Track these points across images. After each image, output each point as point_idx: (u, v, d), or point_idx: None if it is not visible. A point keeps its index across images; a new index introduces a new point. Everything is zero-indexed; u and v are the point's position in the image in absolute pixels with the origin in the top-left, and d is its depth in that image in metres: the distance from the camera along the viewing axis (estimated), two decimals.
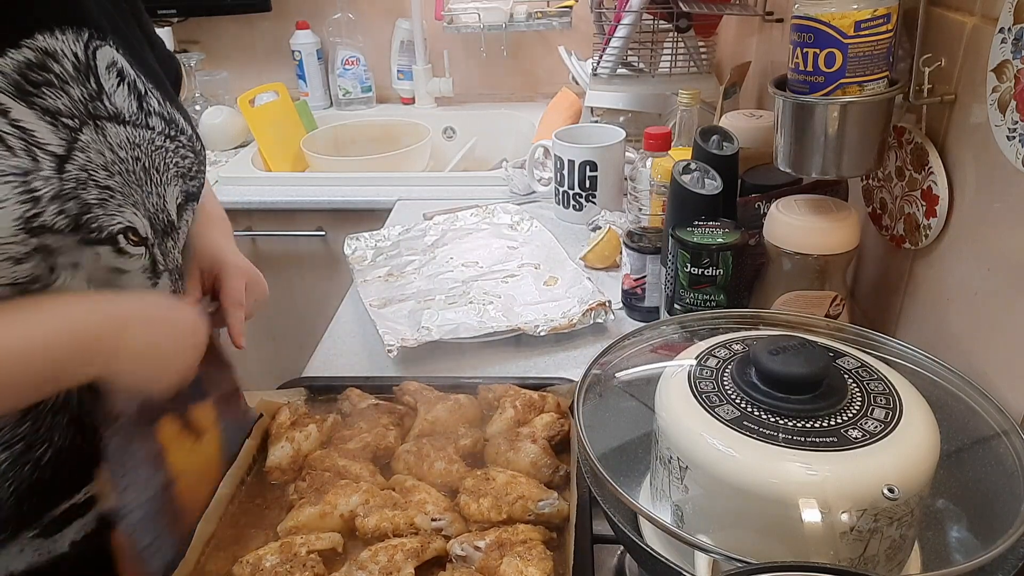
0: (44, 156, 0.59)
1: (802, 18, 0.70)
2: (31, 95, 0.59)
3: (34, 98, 0.59)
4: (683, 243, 0.82)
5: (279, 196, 1.57)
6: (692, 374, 0.55)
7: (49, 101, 0.60)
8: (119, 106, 0.66)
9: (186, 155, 0.73)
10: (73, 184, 0.60)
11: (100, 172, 0.63)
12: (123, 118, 0.66)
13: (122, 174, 0.65)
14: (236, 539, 0.67)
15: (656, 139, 0.98)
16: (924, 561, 0.53)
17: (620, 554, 0.70)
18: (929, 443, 0.49)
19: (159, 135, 0.70)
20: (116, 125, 0.65)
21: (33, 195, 0.57)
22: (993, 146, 0.61)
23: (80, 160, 0.61)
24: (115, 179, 0.64)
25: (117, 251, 0.65)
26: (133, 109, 0.67)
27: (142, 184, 0.68)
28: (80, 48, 0.63)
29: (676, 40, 1.43)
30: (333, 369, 0.98)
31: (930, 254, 0.75)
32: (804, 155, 0.76)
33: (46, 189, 0.58)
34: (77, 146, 0.61)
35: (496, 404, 0.80)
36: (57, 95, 0.60)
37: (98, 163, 0.63)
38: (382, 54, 2.03)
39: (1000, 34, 0.60)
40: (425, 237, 1.28)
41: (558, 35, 1.92)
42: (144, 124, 0.68)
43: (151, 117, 0.69)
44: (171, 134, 0.72)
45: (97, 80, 0.64)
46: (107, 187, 0.63)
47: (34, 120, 0.58)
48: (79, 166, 0.61)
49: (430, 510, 0.67)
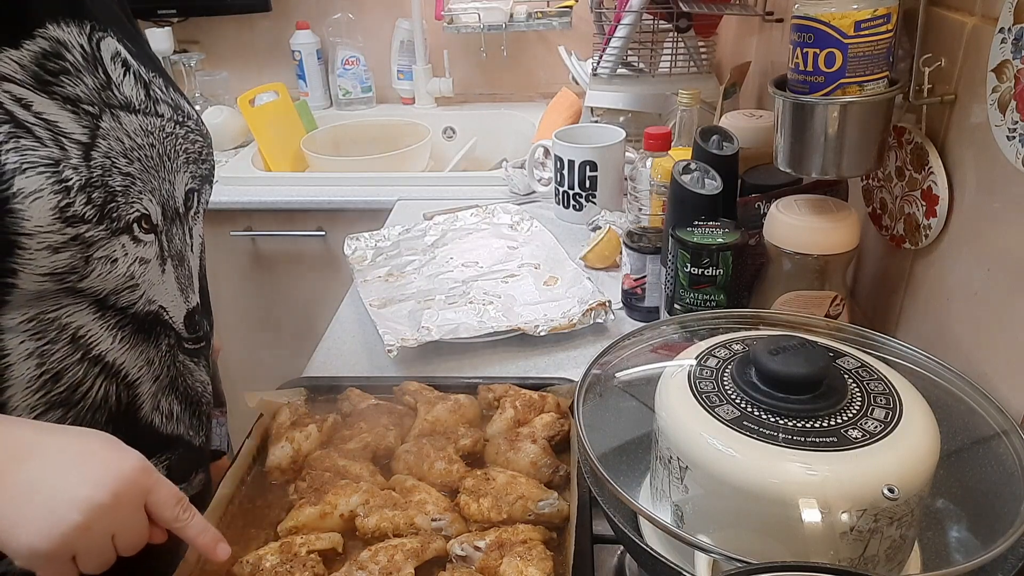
0: (71, 145, 0.60)
1: (802, 18, 0.70)
2: (50, 84, 0.60)
3: (54, 87, 0.60)
4: (683, 243, 0.82)
5: (279, 196, 1.57)
6: (692, 374, 0.55)
7: (68, 89, 0.61)
8: (128, 95, 0.67)
9: (195, 139, 0.75)
10: (100, 172, 0.61)
11: (121, 159, 0.64)
12: (134, 107, 0.67)
13: (140, 160, 0.66)
14: (236, 539, 0.67)
15: (656, 139, 0.98)
16: (924, 561, 0.53)
17: (620, 554, 0.70)
18: (929, 443, 0.49)
19: (168, 121, 0.71)
20: (128, 114, 0.67)
21: (65, 184, 0.58)
22: (993, 146, 0.61)
23: (103, 147, 0.62)
24: (135, 166, 0.65)
25: (133, 240, 0.65)
26: (141, 97, 0.69)
27: (158, 170, 0.69)
28: (85, 40, 0.64)
29: (676, 40, 1.43)
30: (333, 369, 0.98)
31: (930, 254, 0.75)
32: (804, 155, 0.76)
33: (76, 178, 0.59)
34: (99, 133, 0.62)
35: (496, 404, 0.80)
36: (75, 83, 0.62)
37: (118, 150, 0.64)
38: (382, 54, 2.03)
39: (1000, 34, 0.60)
40: (425, 237, 1.28)
41: (558, 35, 1.92)
42: (153, 112, 0.70)
43: (159, 104, 0.71)
44: (179, 119, 0.73)
45: (105, 70, 0.66)
46: (128, 174, 0.64)
47: (56, 111, 0.60)
48: (103, 153, 0.62)
49: (430, 510, 0.67)
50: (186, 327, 0.75)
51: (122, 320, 0.67)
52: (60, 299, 0.62)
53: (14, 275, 0.58)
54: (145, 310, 0.69)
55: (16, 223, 0.55)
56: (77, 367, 0.65)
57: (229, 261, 1.66)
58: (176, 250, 0.72)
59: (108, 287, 0.64)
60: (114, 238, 0.63)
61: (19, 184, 0.55)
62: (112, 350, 0.67)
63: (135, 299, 0.67)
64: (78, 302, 0.63)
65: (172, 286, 0.72)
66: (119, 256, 0.64)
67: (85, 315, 0.64)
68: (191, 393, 0.78)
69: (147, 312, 0.69)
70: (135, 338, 0.69)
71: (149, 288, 0.69)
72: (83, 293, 0.63)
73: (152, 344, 0.71)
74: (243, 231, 1.61)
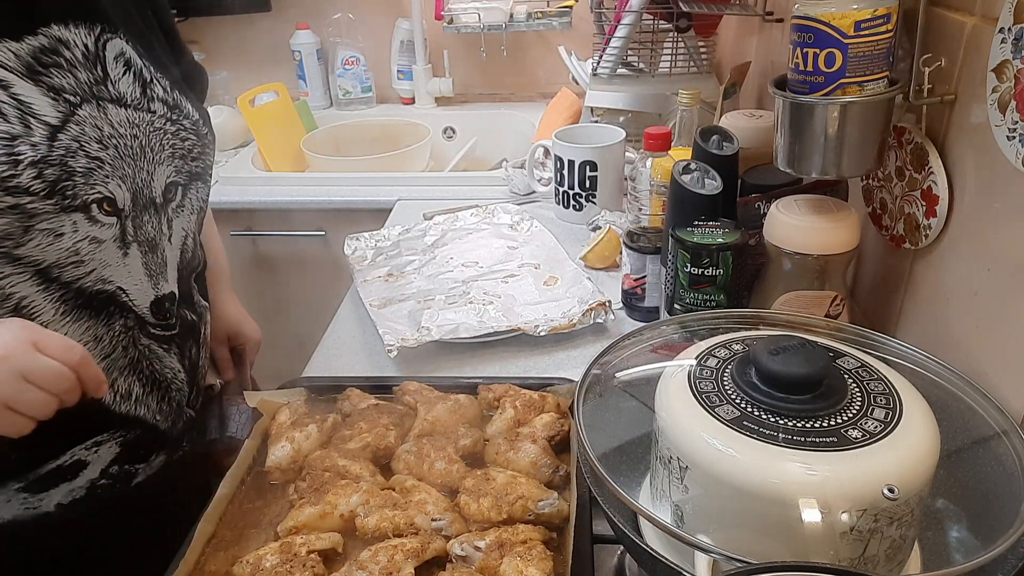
0: (38, 125, 0.64)
1: (802, 18, 0.70)
2: (39, 74, 0.65)
3: (41, 76, 0.65)
4: (683, 243, 0.82)
5: (279, 196, 1.57)
6: (692, 374, 0.55)
7: (55, 80, 0.66)
8: (122, 91, 0.72)
9: (187, 137, 0.78)
10: (62, 152, 0.66)
11: (93, 144, 0.68)
12: (125, 102, 0.72)
13: (117, 147, 0.71)
14: (236, 539, 0.67)
15: (656, 139, 0.98)
16: (924, 561, 0.53)
17: (620, 554, 0.70)
18: (929, 443, 0.49)
19: (159, 118, 0.75)
20: (117, 107, 0.71)
21: (15, 158, 0.63)
22: (993, 146, 0.61)
23: (74, 131, 0.67)
24: (108, 152, 0.70)
25: (89, 219, 0.69)
26: (136, 95, 0.73)
27: (136, 159, 0.73)
28: (91, 41, 0.69)
29: (676, 40, 1.43)
30: (333, 369, 0.98)
31: (930, 254, 0.75)
32: (804, 155, 0.76)
33: (31, 155, 0.64)
34: (74, 119, 0.67)
35: (496, 404, 0.80)
36: (63, 75, 0.67)
37: (92, 136, 0.68)
38: (382, 54, 2.03)
39: (1000, 34, 0.60)
40: (425, 237, 1.28)
41: (558, 35, 1.92)
42: (145, 108, 0.74)
43: (153, 102, 0.75)
44: (173, 118, 0.77)
45: (104, 68, 0.70)
46: (97, 158, 0.69)
47: (37, 96, 0.65)
48: (72, 136, 0.67)
49: (430, 510, 0.67)
50: (153, 312, 0.77)
51: (66, 294, 0.70)
52: (2, 267, 0.66)
53: None
54: (96, 288, 0.72)
55: None
56: None
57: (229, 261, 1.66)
58: (146, 237, 0.75)
59: (49, 259, 0.68)
60: (64, 214, 0.67)
61: None
62: (54, 322, 0.70)
63: (80, 275, 0.70)
64: (19, 271, 0.67)
65: (138, 271, 0.75)
66: (67, 231, 0.68)
67: (28, 286, 0.68)
68: (158, 378, 0.81)
69: (99, 291, 0.72)
70: (80, 312, 0.72)
71: (103, 268, 0.72)
72: (21, 261, 0.66)
73: (102, 322, 0.74)
74: (243, 231, 1.61)
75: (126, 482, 0.80)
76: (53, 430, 0.69)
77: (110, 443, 0.78)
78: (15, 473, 0.73)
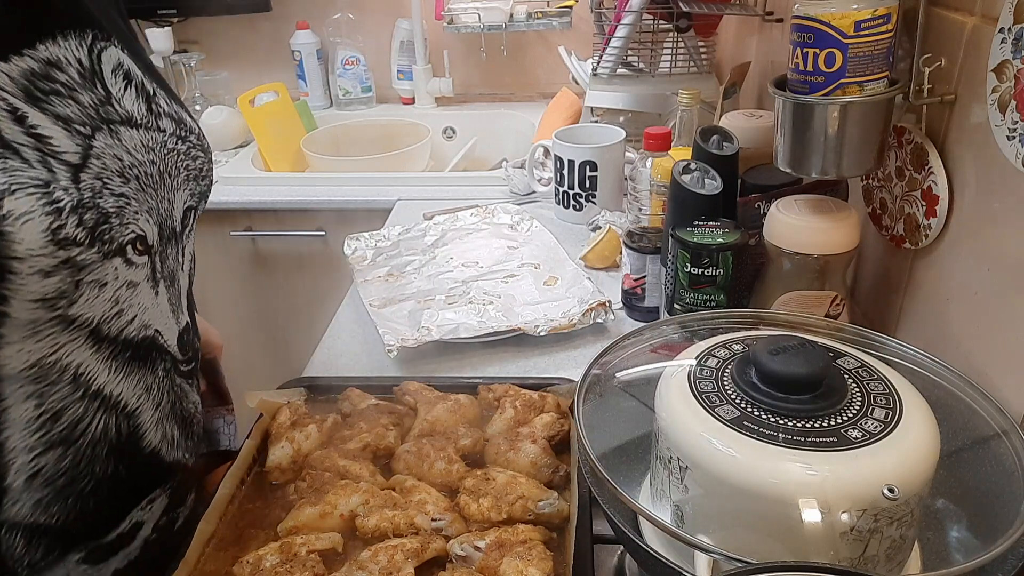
0: (59, 166, 0.56)
1: (802, 18, 0.70)
2: (41, 101, 0.57)
3: (44, 104, 0.57)
4: (683, 243, 0.82)
5: (279, 196, 1.57)
6: (692, 374, 0.55)
7: (59, 109, 0.58)
8: (129, 109, 0.64)
9: (197, 155, 0.72)
10: (90, 194, 0.58)
11: (115, 179, 0.61)
12: (135, 121, 0.64)
13: (138, 179, 0.63)
14: (236, 539, 0.67)
15: (656, 139, 0.98)
16: (924, 561, 0.53)
17: (620, 554, 0.70)
18: (929, 443, 0.49)
19: (171, 137, 0.68)
20: (129, 129, 0.63)
21: (56, 206, 0.55)
22: (993, 146, 0.61)
23: (95, 168, 0.59)
24: (130, 185, 0.62)
25: (126, 262, 0.62)
26: (143, 111, 0.65)
27: (156, 188, 0.65)
28: (84, 53, 0.61)
29: (676, 40, 1.43)
30: (333, 369, 0.98)
31: (930, 254, 0.75)
32: (804, 155, 0.76)
33: (67, 199, 0.56)
34: (92, 153, 0.59)
35: (496, 404, 0.80)
36: (65, 104, 0.58)
37: (113, 169, 0.61)
38: (382, 54, 2.03)
39: (1000, 34, 0.60)
40: (425, 237, 1.28)
41: (558, 35, 1.92)
42: (155, 127, 0.66)
43: (161, 119, 0.67)
44: (181, 135, 0.70)
45: (104, 85, 0.62)
46: (122, 194, 0.61)
47: (49, 125, 0.57)
48: (94, 174, 0.59)
49: (430, 510, 0.67)
50: (179, 348, 0.72)
51: (114, 350, 0.64)
52: (57, 337, 0.59)
53: (5, 302, 0.55)
54: (140, 336, 0.66)
55: (8, 247, 0.52)
56: (77, 405, 0.62)
57: (229, 261, 1.66)
58: (168, 271, 0.69)
59: (96, 314, 0.61)
60: (106, 261, 0.60)
61: (9, 206, 0.52)
62: (110, 382, 0.64)
63: (123, 325, 0.64)
64: (74, 338, 0.61)
65: (165, 308, 0.69)
66: (109, 280, 0.61)
67: (83, 351, 0.62)
68: (186, 416, 0.76)
69: (143, 338, 0.67)
70: (131, 366, 0.66)
71: (142, 312, 0.66)
72: (75, 323, 0.60)
73: (149, 370, 0.69)
74: (243, 231, 1.61)
75: (170, 530, 0.75)
76: (117, 497, 0.67)
77: (161, 497, 0.73)
78: (75, 546, 0.67)
